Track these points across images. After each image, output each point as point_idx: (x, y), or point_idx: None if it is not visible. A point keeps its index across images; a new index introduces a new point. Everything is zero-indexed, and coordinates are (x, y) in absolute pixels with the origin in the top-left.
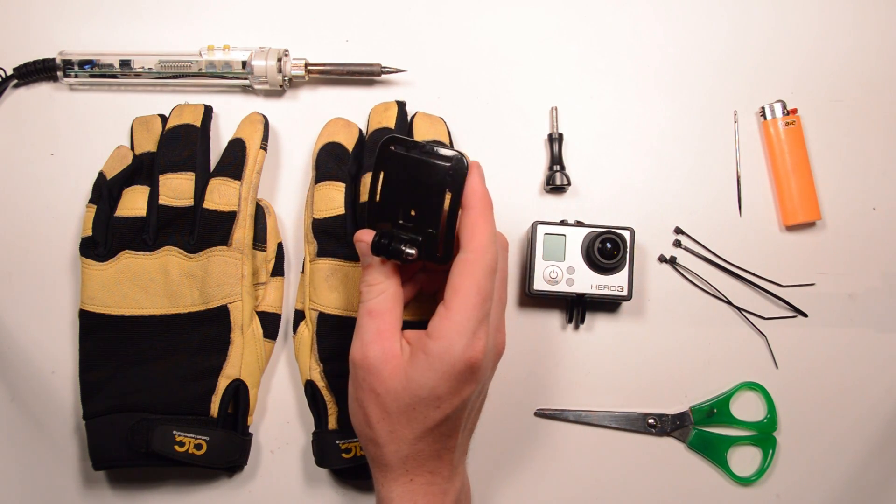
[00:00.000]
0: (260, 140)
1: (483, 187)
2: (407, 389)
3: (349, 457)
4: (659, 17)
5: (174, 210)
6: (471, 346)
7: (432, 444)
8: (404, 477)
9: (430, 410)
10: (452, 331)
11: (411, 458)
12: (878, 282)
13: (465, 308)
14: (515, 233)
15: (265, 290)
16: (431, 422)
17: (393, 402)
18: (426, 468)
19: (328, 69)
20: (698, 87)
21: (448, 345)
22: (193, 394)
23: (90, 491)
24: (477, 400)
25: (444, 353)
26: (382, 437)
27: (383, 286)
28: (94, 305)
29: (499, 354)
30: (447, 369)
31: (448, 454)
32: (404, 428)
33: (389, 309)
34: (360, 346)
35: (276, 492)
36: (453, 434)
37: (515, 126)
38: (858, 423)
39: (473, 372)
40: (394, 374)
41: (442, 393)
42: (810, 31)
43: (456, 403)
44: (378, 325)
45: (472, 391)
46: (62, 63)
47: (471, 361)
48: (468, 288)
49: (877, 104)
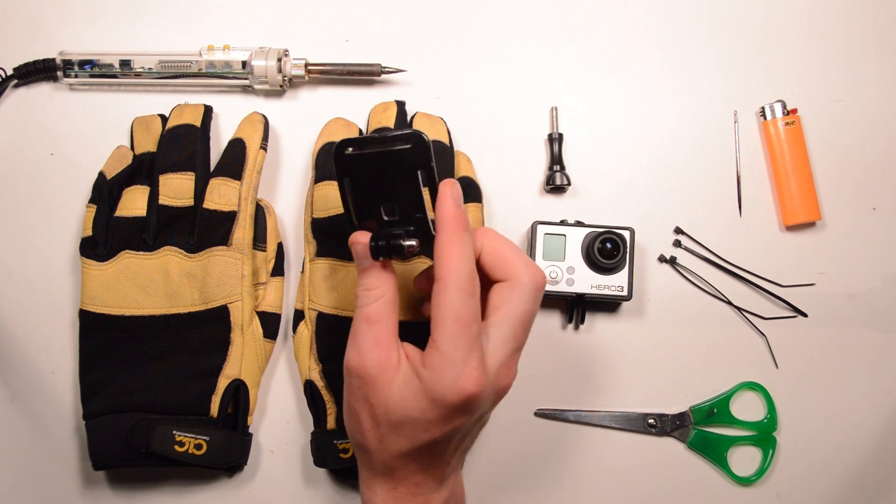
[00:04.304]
0: (260, 140)
1: (454, 207)
2: (399, 406)
3: (347, 457)
4: (659, 17)
5: (174, 210)
6: (461, 377)
7: (420, 461)
8: (389, 483)
9: (419, 432)
10: (440, 362)
11: (398, 470)
12: (878, 282)
13: (447, 338)
14: (515, 233)
15: (265, 290)
16: (420, 441)
17: (384, 416)
18: (412, 480)
19: (328, 69)
20: (698, 87)
21: (438, 377)
22: (193, 394)
23: (90, 491)
24: (474, 426)
25: (436, 385)
26: (371, 446)
27: (381, 290)
28: (94, 305)
29: (501, 391)
30: (438, 399)
31: (436, 470)
32: (393, 441)
33: (388, 315)
34: (357, 355)
35: (276, 492)
36: (442, 454)
37: (515, 126)
38: (858, 423)
39: (467, 404)
40: (388, 387)
41: (432, 419)
42: (811, 31)
43: (446, 431)
44: (376, 334)
45: (465, 422)
46: (62, 63)
47: (463, 394)
48: (445, 316)
49: (877, 104)
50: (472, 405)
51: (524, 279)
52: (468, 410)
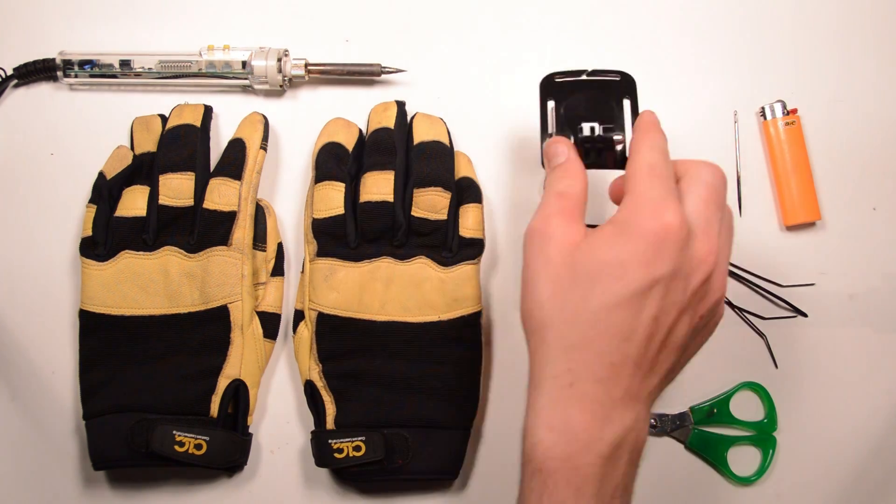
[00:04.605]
0: (260, 140)
1: (652, 115)
2: (589, 254)
3: (341, 457)
4: (658, 17)
5: (174, 210)
6: (659, 208)
7: (606, 340)
8: (564, 377)
9: (612, 281)
10: (636, 202)
11: (578, 350)
12: (878, 282)
13: (642, 181)
14: (515, 233)
15: (265, 290)
16: (612, 297)
17: (569, 271)
18: (593, 373)
19: (328, 69)
20: (698, 86)
21: (634, 210)
22: (193, 394)
23: (90, 491)
24: (674, 294)
25: (631, 217)
26: (549, 316)
27: (578, 177)
28: (94, 305)
29: (702, 263)
30: (634, 230)
31: (624, 368)
32: (577, 302)
33: (578, 197)
34: (541, 217)
35: (276, 492)
36: (633, 337)
37: (515, 126)
38: (858, 423)
39: (666, 235)
40: (574, 242)
41: (627, 259)
42: (811, 31)
43: (643, 279)
44: (564, 205)
45: (664, 271)
46: (62, 63)
47: (661, 220)
48: (640, 168)
49: (877, 104)
50: (672, 240)
51: (703, 166)
52: (667, 251)
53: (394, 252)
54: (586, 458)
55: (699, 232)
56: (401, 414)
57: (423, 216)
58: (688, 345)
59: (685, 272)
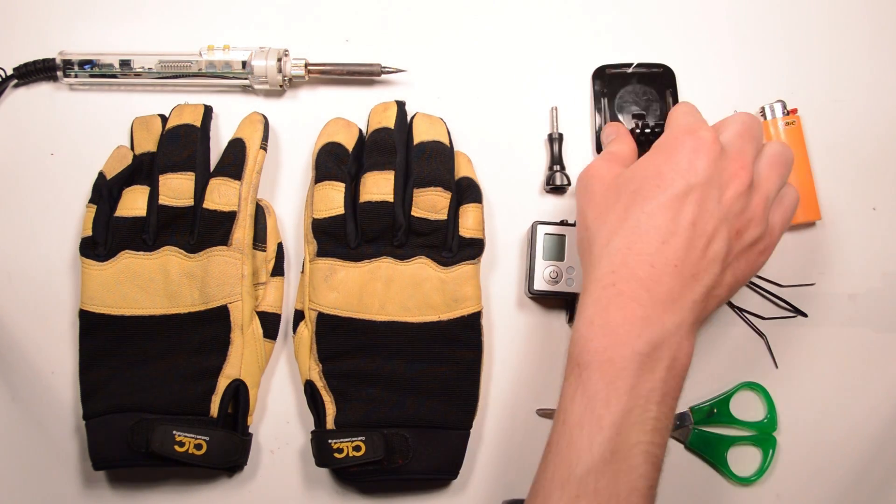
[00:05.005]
0: (260, 140)
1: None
2: (630, 173)
3: (341, 457)
4: (657, 17)
5: (174, 210)
6: (692, 128)
7: (646, 241)
8: (607, 278)
9: (651, 188)
10: (671, 127)
11: (620, 253)
12: (878, 282)
13: (676, 117)
14: (515, 233)
15: (265, 290)
16: (652, 201)
17: (612, 191)
18: (633, 272)
19: (328, 69)
20: (698, 86)
21: (670, 133)
22: (193, 394)
23: (90, 491)
24: (709, 202)
25: (667, 137)
26: (594, 232)
27: (627, 143)
28: (94, 305)
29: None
30: (671, 145)
31: (665, 269)
32: (620, 213)
33: (626, 153)
34: (588, 166)
35: (276, 492)
36: (672, 239)
37: (515, 126)
38: (858, 423)
39: (698, 150)
40: (617, 174)
41: (664, 168)
42: (811, 30)
43: (680, 184)
44: (610, 157)
45: (699, 178)
46: (62, 63)
47: (695, 136)
48: (673, 112)
49: (877, 104)
50: (704, 151)
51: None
52: (700, 157)
53: (394, 252)
54: (621, 350)
55: (732, 152)
56: (401, 414)
57: (423, 216)
58: (730, 262)
59: (718, 183)
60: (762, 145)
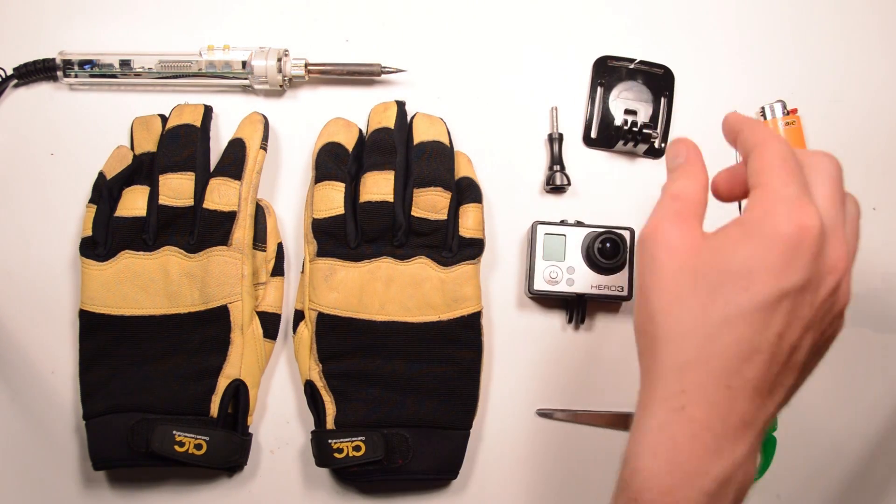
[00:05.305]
0: (260, 140)
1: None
2: (710, 259)
3: (341, 457)
4: (657, 18)
5: (174, 210)
6: (796, 210)
7: (725, 359)
8: (675, 400)
9: (737, 291)
10: (769, 199)
11: (692, 369)
12: (878, 282)
13: (777, 177)
14: (515, 233)
15: (265, 290)
16: (735, 309)
17: (686, 278)
18: (707, 396)
19: (328, 69)
20: (698, 87)
21: (768, 209)
22: (193, 394)
23: (90, 491)
24: (801, 309)
25: (764, 217)
26: (662, 329)
27: (697, 178)
28: (94, 305)
29: (834, 268)
30: (767, 234)
31: (743, 392)
32: (695, 314)
33: (695, 197)
34: (652, 222)
35: (276, 492)
36: (755, 357)
37: (515, 126)
38: (858, 423)
39: (799, 246)
40: (691, 247)
41: (755, 266)
42: (810, 31)
43: (772, 291)
44: (678, 207)
45: (795, 282)
46: (62, 63)
47: (798, 223)
48: (772, 162)
49: (877, 104)
50: (807, 246)
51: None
52: (802, 257)
53: (394, 252)
54: (688, 492)
55: (830, 234)
56: (401, 414)
57: (423, 216)
58: (808, 364)
59: (815, 283)
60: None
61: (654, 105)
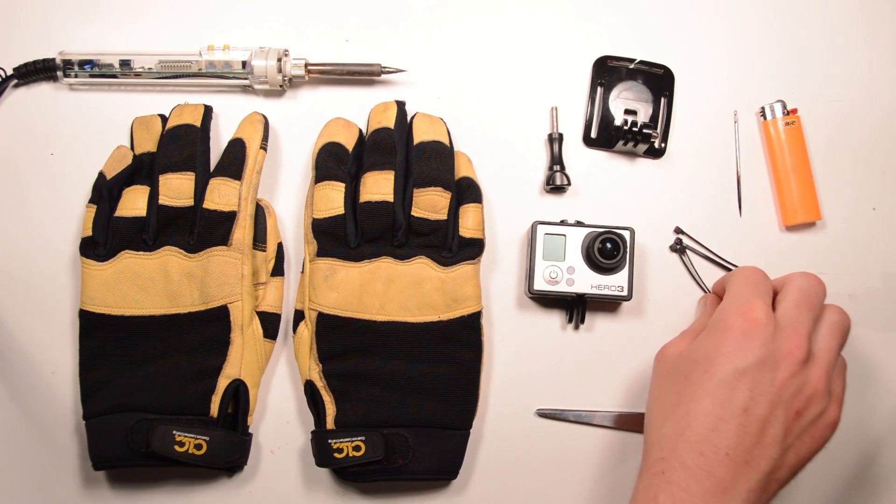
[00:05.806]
0: (260, 140)
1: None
2: (685, 356)
3: (341, 457)
4: (658, 18)
5: (174, 210)
6: (745, 307)
7: (695, 430)
8: (657, 466)
9: (700, 374)
10: (727, 301)
11: (669, 440)
12: (878, 282)
13: (735, 287)
14: (515, 233)
15: (265, 290)
16: (699, 388)
17: (669, 374)
18: (682, 461)
19: (328, 69)
20: (698, 87)
21: (724, 309)
22: (193, 394)
23: (90, 491)
24: (762, 386)
25: (720, 315)
26: (651, 416)
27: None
28: (94, 305)
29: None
30: (721, 327)
31: (714, 457)
32: (672, 398)
33: (700, 325)
34: (666, 344)
35: (276, 492)
36: (722, 426)
37: (515, 126)
38: (858, 423)
39: (749, 332)
40: (676, 353)
41: (713, 352)
42: (810, 31)
43: (728, 370)
44: (684, 337)
45: (749, 362)
46: (62, 63)
47: (748, 318)
48: (735, 278)
49: (877, 104)
50: (756, 333)
51: (799, 275)
52: (751, 339)
53: (394, 252)
54: None
55: (787, 328)
56: (401, 414)
57: (423, 216)
58: (791, 443)
59: (771, 365)
60: (821, 311)
61: (654, 105)
